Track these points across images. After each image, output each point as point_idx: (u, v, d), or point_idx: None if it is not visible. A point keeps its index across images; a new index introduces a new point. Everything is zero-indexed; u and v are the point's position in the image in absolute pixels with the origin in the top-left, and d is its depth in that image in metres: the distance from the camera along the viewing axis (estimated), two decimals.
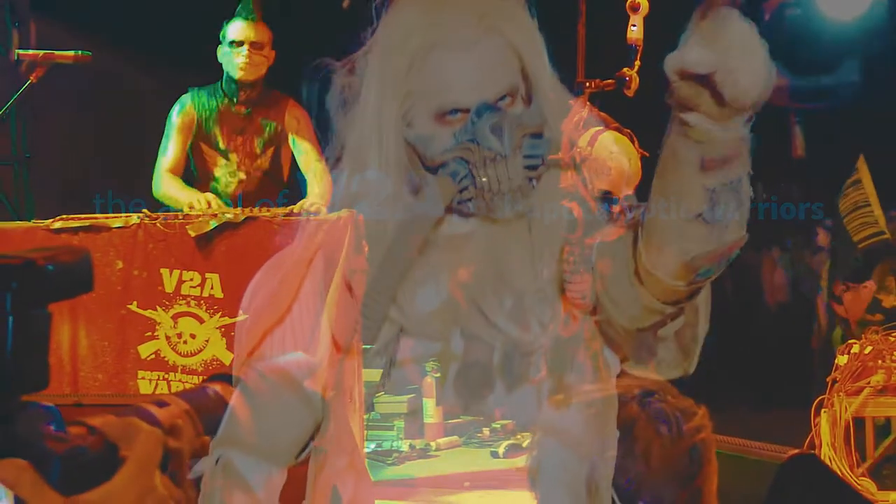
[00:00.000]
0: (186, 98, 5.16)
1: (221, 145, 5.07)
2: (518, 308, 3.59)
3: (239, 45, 5.17)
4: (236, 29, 5.22)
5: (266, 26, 5.30)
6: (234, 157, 5.11)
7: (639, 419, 1.83)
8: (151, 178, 5.14)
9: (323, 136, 4.47)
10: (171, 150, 5.05)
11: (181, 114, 5.11)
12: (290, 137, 5.00)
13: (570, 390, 4.19)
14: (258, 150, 5.07)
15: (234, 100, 5.12)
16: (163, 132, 5.20)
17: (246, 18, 5.21)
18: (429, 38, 3.30)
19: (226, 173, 5.12)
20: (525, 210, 3.25)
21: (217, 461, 2.46)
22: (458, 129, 3.09)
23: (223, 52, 5.23)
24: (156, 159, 5.17)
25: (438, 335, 3.86)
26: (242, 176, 5.13)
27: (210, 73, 5.38)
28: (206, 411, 1.49)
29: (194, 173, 5.20)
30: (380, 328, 3.43)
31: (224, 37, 5.25)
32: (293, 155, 5.17)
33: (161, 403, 1.46)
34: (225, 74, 5.24)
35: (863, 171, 6.83)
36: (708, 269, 2.72)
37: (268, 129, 5.09)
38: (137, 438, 1.34)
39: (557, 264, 3.36)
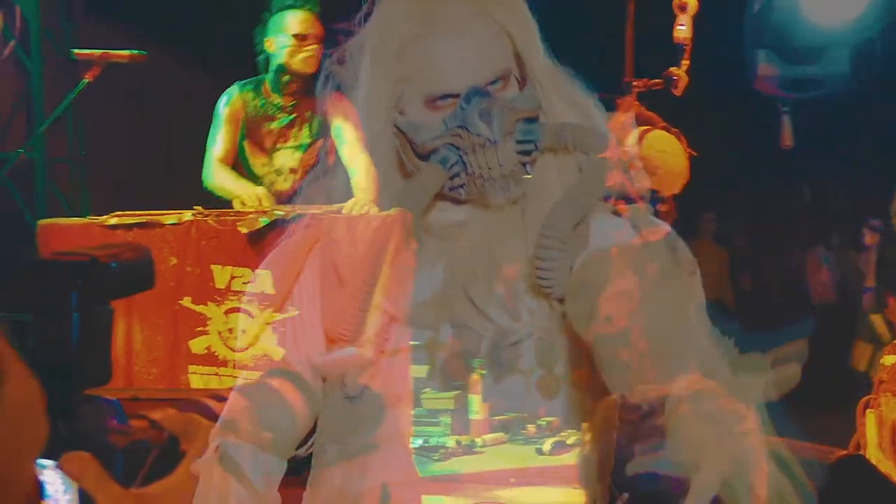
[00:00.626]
0: (234, 89, 5.03)
1: (267, 143, 5.04)
2: (509, 297, 3.57)
3: (303, 39, 5.00)
4: (299, 21, 5.03)
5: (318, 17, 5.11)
6: (281, 152, 5.08)
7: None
8: (202, 174, 5.11)
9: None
10: (220, 140, 4.96)
11: (228, 104, 5.00)
12: (334, 128, 4.91)
13: (558, 381, 4.20)
14: (305, 144, 5.03)
15: (282, 93, 5.03)
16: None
17: (310, 10, 5.03)
18: (419, 24, 3.29)
19: (272, 170, 5.08)
20: (518, 196, 3.23)
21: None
22: (448, 116, 3.06)
23: (279, 44, 5.06)
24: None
25: (430, 324, 3.84)
26: (289, 172, 5.10)
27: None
28: (265, 407, 1.51)
29: (247, 170, 5.14)
30: (366, 318, 3.44)
31: (279, 27, 5.06)
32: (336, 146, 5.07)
33: (220, 398, 1.47)
34: (276, 66, 5.08)
35: None
36: None
37: (314, 121, 5.03)
38: (197, 433, 1.36)
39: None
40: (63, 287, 1.29)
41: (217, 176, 4.83)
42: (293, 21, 5.03)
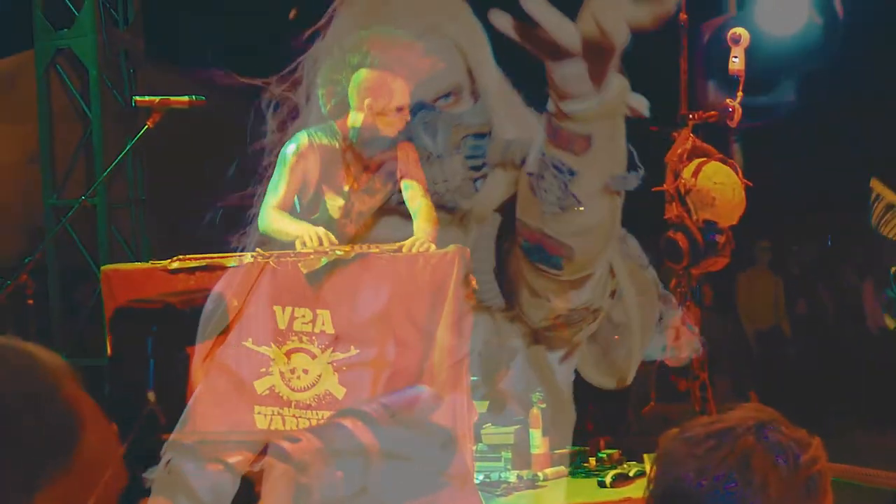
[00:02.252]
0: (303, 137, 4.85)
1: (344, 185, 4.96)
2: (450, 315, 3.54)
3: (400, 111, 4.67)
4: (400, 92, 4.64)
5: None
6: (354, 197, 5.01)
7: (755, 451, 1.81)
8: (258, 219, 5.05)
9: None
10: (281, 189, 4.84)
11: (296, 153, 4.85)
12: (399, 173, 4.85)
13: (503, 396, 4.25)
14: (376, 189, 4.98)
15: (359, 144, 4.82)
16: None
17: (399, 81, 4.60)
18: (376, 35, 3.28)
19: (343, 213, 5.01)
20: (464, 213, 3.22)
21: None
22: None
23: (365, 105, 4.67)
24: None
25: (374, 342, 3.81)
26: (357, 215, 5.04)
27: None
28: (338, 447, 1.51)
29: (322, 211, 4.99)
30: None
31: (364, 90, 4.66)
32: (401, 190, 5.00)
33: (293, 439, 1.48)
34: (360, 125, 4.73)
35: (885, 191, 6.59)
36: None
37: (384, 167, 4.94)
38: (271, 475, 1.37)
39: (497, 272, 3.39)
40: (139, 334, 1.31)
41: (273, 221, 4.76)
42: (388, 91, 4.66)
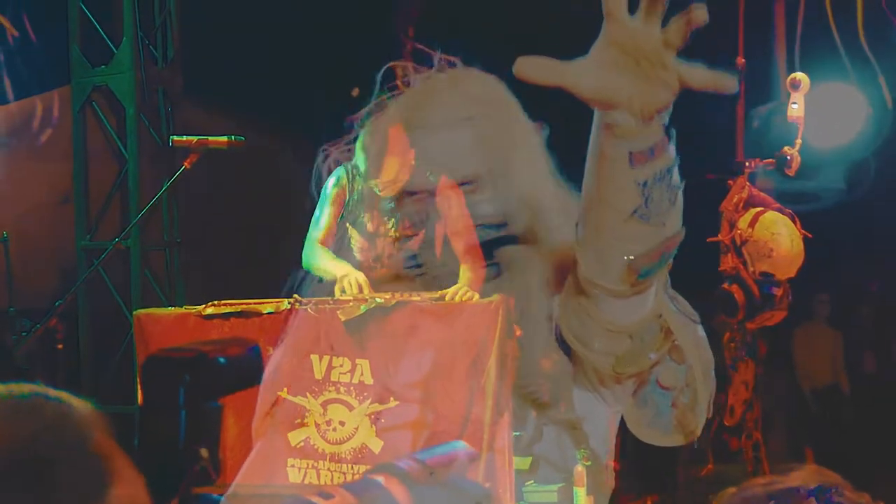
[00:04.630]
0: (342, 173, 4.98)
1: (370, 227, 5.00)
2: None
3: (370, 182, 4.74)
4: (364, 168, 4.72)
5: (396, 152, 4.67)
6: (382, 239, 5.03)
7: None
8: (300, 260, 5.07)
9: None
10: (322, 222, 4.90)
11: (336, 186, 4.93)
12: (441, 225, 4.84)
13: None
14: (409, 234, 4.98)
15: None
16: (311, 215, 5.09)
17: (370, 164, 4.68)
18: (409, 119, 4.01)
19: (371, 256, 5.03)
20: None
21: None
22: (420, 207, 3.81)
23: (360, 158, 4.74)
24: (307, 234, 5.06)
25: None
26: (387, 258, 5.05)
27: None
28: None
29: (350, 254, 5.05)
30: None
31: (361, 146, 4.75)
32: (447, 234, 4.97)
33: (326, 495, 1.47)
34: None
35: None
36: (649, 268, 2.76)
37: (418, 210, 4.94)
38: None
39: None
40: (170, 383, 1.30)
41: (316, 257, 4.81)
42: (360, 163, 4.76)
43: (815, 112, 5.46)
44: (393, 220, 4.97)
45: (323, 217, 4.90)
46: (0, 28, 6.99)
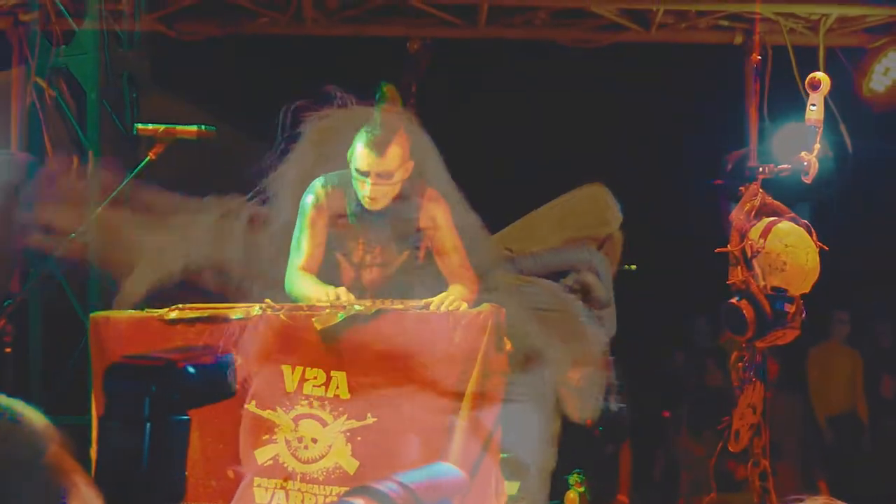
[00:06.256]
0: (320, 191, 4.86)
1: (355, 257, 4.93)
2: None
3: (364, 175, 4.82)
4: (360, 155, 4.82)
5: (398, 147, 4.84)
6: (368, 269, 4.96)
7: None
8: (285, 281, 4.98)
9: None
10: (304, 246, 4.79)
11: (315, 206, 4.85)
12: (427, 242, 4.76)
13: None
14: (394, 256, 4.92)
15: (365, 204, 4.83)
16: (294, 219, 5.00)
17: (370, 148, 4.81)
18: (322, 157, 4.95)
19: (357, 287, 4.96)
20: None
21: None
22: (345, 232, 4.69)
23: (352, 170, 4.88)
24: (289, 254, 4.98)
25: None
26: (370, 284, 4.98)
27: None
28: None
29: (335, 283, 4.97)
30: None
31: (352, 153, 4.87)
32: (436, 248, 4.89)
33: None
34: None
35: None
36: None
37: (403, 228, 4.85)
38: None
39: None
40: (135, 393, 1.32)
41: (296, 285, 4.76)
42: (357, 153, 4.86)
43: (782, 154, 5.68)
44: (379, 247, 4.95)
45: (304, 241, 4.83)
46: None
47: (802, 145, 4.96)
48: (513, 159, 5.30)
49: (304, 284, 4.77)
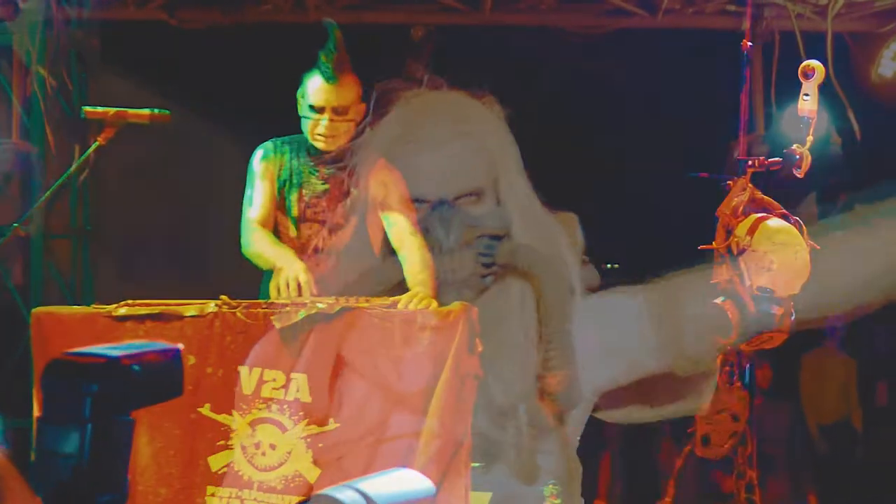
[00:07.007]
0: (269, 146, 4.95)
1: (295, 210, 4.97)
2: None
3: (319, 111, 4.93)
4: (315, 90, 4.94)
5: (353, 80, 4.99)
6: (308, 224, 5.00)
7: None
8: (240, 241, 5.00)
9: None
10: (257, 200, 4.86)
11: (264, 159, 4.88)
12: (375, 205, 4.82)
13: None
14: (337, 223, 4.97)
15: (317, 161, 4.91)
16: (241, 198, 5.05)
17: (326, 79, 4.91)
18: (406, 134, 4.95)
19: (297, 243, 4.99)
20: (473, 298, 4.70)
21: None
22: (419, 217, 4.64)
23: (303, 112, 5.00)
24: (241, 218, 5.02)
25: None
26: (313, 251, 5.01)
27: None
28: None
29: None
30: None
31: (303, 93, 5.00)
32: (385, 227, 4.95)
33: None
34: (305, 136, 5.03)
35: None
36: None
37: (348, 200, 4.92)
38: None
39: None
40: (75, 393, 1.31)
41: (255, 242, 4.79)
42: (310, 89, 4.97)
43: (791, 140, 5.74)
44: (322, 203, 4.99)
45: (256, 194, 4.89)
46: None
47: (796, 136, 4.96)
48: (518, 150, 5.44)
49: (260, 243, 4.82)
